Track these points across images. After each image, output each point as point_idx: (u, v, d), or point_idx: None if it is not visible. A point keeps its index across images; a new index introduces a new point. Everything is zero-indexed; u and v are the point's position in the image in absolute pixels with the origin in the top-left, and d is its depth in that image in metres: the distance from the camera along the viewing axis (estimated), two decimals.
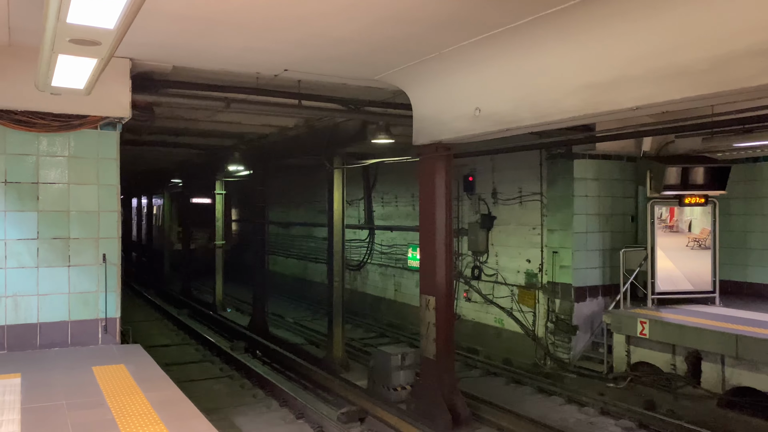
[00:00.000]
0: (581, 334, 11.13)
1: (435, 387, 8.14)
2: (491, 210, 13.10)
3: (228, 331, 15.24)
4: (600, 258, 11.42)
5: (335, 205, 11.57)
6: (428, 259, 8.28)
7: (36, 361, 6.58)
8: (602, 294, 11.42)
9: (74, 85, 4.97)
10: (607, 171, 11.50)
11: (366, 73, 7.82)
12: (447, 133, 7.71)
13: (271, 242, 23.54)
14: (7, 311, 6.91)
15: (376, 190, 17.26)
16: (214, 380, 11.17)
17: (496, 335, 12.81)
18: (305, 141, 12.15)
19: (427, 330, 8.25)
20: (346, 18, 5.71)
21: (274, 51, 6.84)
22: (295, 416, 8.96)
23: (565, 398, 9.80)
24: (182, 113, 10.75)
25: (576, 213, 11.16)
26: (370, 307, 17.18)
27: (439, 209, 8.20)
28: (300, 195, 21.35)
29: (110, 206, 7.45)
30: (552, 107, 6.15)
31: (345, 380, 10.25)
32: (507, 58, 6.51)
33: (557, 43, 5.94)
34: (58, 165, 7.15)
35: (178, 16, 5.65)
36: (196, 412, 5.05)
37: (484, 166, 13.21)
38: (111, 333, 7.43)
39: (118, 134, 7.47)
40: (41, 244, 7.07)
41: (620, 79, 5.45)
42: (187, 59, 7.24)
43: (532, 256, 12.12)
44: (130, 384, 5.77)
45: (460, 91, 7.35)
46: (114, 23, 3.35)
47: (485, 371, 11.65)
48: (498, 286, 12.91)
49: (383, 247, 17.03)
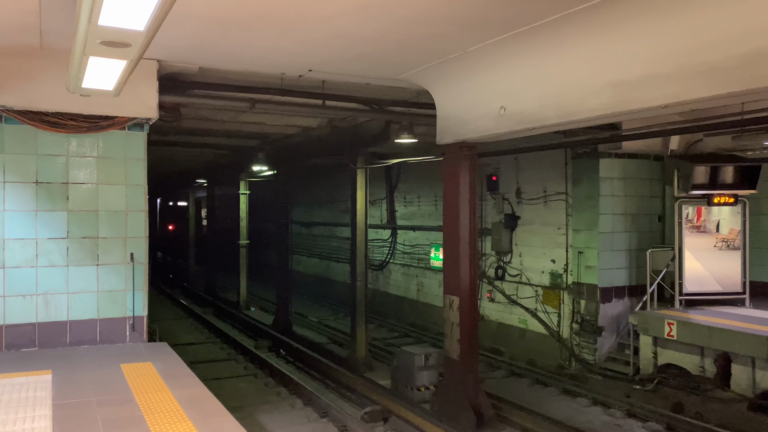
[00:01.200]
0: (607, 336, 11.00)
1: (459, 387, 8.10)
2: (515, 210, 13.01)
3: (252, 330, 15.36)
4: (626, 258, 11.27)
5: (358, 205, 11.58)
6: (452, 260, 8.25)
7: (66, 357, 6.70)
8: (628, 295, 11.27)
9: (104, 86, 5.05)
10: (634, 170, 11.35)
11: (390, 73, 7.82)
12: (471, 133, 7.68)
13: (294, 242, 23.75)
14: (38, 309, 7.05)
15: (398, 190, 17.26)
16: (238, 378, 11.27)
17: (520, 336, 12.72)
18: (328, 141, 12.19)
19: (451, 330, 8.22)
20: (370, 17, 5.71)
21: (298, 51, 6.87)
22: (318, 415, 8.99)
23: (591, 400, 9.70)
24: (207, 114, 10.85)
25: (602, 213, 11.03)
26: (393, 307, 17.18)
27: (463, 209, 8.16)
28: (323, 195, 21.44)
29: (138, 206, 7.56)
30: (578, 106, 6.09)
31: (368, 380, 10.26)
32: (532, 57, 6.46)
33: (583, 40, 5.88)
34: (87, 165, 7.28)
35: (203, 18, 5.71)
36: (223, 410, 5.10)
37: (508, 165, 13.12)
38: (138, 331, 7.54)
39: (145, 135, 7.58)
40: (71, 243, 7.20)
41: (648, 77, 5.37)
42: (212, 60, 7.31)
43: (556, 256, 12.02)
44: (158, 381, 5.84)
45: (485, 89, 7.32)
46: (144, 25, 3.40)
47: (509, 372, 11.58)
48: (522, 287, 12.82)
49: (405, 247, 17.03)
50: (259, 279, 22.14)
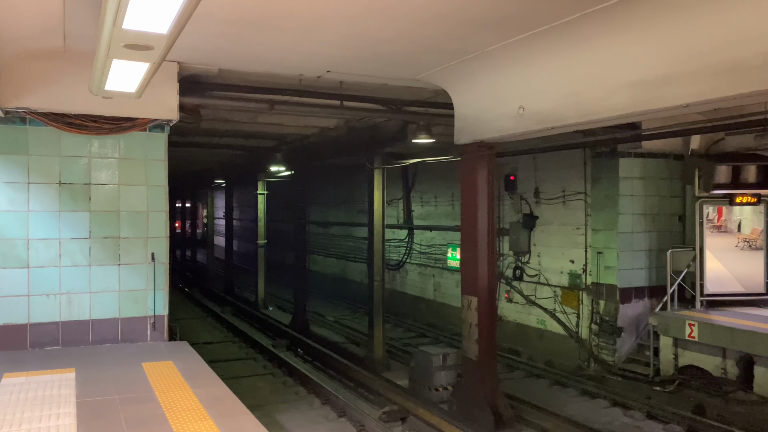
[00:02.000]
0: (626, 336, 10.91)
1: (477, 388, 8.09)
2: (533, 210, 12.94)
3: (270, 329, 15.45)
4: (646, 259, 11.16)
5: (375, 205, 11.60)
6: (470, 260, 8.23)
7: (88, 356, 6.80)
8: (648, 295, 11.16)
9: (126, 89, 5.12)
10: (654, 170, 11.23)
11: (408, 73, 7.83)
12: (489, 132, 7.65)
13: (311, 242, 23.83)
14: (62, 308, 7.16)
15: (415, 190, 17.25)
16: (257, 377, 11.34)
17: (539, 337, 12.65)
18: (345, 141, 12.23)
19: (469, 331, 8.20)
20: (388, 18, 5.72)
21: (316, 52, 6.90)
22: (337, 414, 9.02)
23: (610, 401, 9.62)
24: (226, 115, 10.93)
25: (621, 213, 10.94)
26: (410, 307, 17.18)
27: (481, 209, 8.14)
28: (340, 195, 21.49)
29: (158, 206, 7.64)
30: (598, 105, 6.04)
31: (386, 379, 10.28)
32: (551, 56, 6.42)
33: (603, 40, 5.84)
34: (108, 166, 7.37)
35: (223, 19, 5.76)
36: (244, 409, 5.13)
37: (526, 165, 13.05)
38: (159, 330, 7.62)
39: (166, 136, 7.66)
40: (93, 243, 7.29)
41: (670, 76, 5.32)
42: (232, 62, 7.37)
43: (575, 256, 11.93)
44: (179, 380, 5.90)
45: (503, 89, 7.29)
46: (167, 28, 3.44)
47: (527, 373, 11.53)
48: (540, 287, 12.75)
49: (422, 247, 17.01)
50: (277, 278, 22.25)
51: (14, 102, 6.64)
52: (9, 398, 5.29)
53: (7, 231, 6.93)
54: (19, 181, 6.98)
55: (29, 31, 5.95)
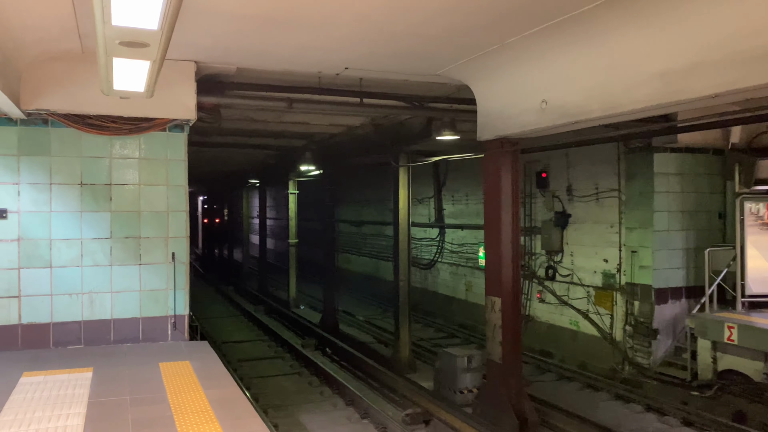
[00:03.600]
0: (662, 339, 10.48)
1: (501, 391, 7.86)
2: (566, 207, 12.58)
3: (300, 328, 15.46)
4: (683, 258, 10.71)
5: (401, 203, 11.45)
6: (494, 260, 8.00)
7: (108, 355, 6.84)
8: (686, 296, 10.71)
9: (135, 88, 5.09)
10: (691, 165, 10.77)
11: (427, 68, 7.64)
12: (512, 128, 7.41)
13: (343, 240, 23.82)
14: (84, 307, 7.23)
15: (446, 188, 17.02)
16: (283, 377, 11.33)
17: (571, 338, 12.30)
18: (372, 139, 12.11)
19: (493, 332, 7.98)
20: (401, 11, 5.56)
21: (332, 49, 6.78)
22: (360, 416, 8.92)
23: (644, 406, 9.26)
24: (252, 114, 10.94)
25: (657, 210, 10.52)
26: (441, 307, 16.97)
27: (505, 207, 7.91)
28: (371, 193, 21.40)
29: (179, 206, 7.65)
30: (623, 97, 5.76)
31: (411, 381, 10.12)
32: (574, 47, 6.16)
33: (627, 28, 5.55)
34: (129, 167, 7.40)
35: (236, 16, 5.69)
36: (252, 412, 5.05)
37: (558, 161, 12.70)
38: (180, 329, 7.63)
39: (185, 136, 7.65)
40: (114, 243, 7.34)
41: (698, 65, 5.01)
42: (249, 60, 7.31)
43: (609, 255, 11.54)
44: (193, 381, 5.86)
45: (526, 83, 7.05)
46: (157, 24, 3.36)
47: (559, 375, 11.21)
48: (573, 287, 12.39)
49: (454, 246, 16.77)
50: (310, 277, 22.31)
51: (34, 104, 6.72)
52: (24, 397, 5.33)
53: (31, 231, 7.03)
54: (42, 182, 7.07)
55: (46, 34, 5.99)
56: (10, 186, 6.95)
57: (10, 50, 5.78)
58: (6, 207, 6.95)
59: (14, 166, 6.96)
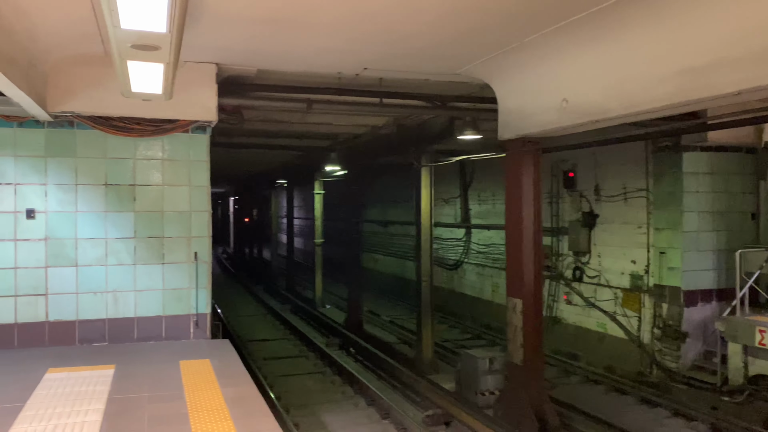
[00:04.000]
0: (692, 342, 10.23)
1: (522, 394, 7.76)
2: (593, 207, 12.38)
3: (325, 327, 15.54)
4: (714, 259, 10.44)
5: (423, 203, 11.41)
6: (515, 260, 7.91)
7: (131, 353, 6.96)
8: (717, 298, 10.44)
9: (152, 90, 5.17)
10: (723, 164, 10.49)
11: (447, 68, 7.59)
12: (533, 127, 7.32)
13: (370, 240, 23.86)
14: (108, 305, 7.37)
15: (472, 188, 16.91)
16: (307, 376, 11.40)
17: (598, 340, 12.09)
18: (395, 140, 12.09)
19: (514, 334, 7.89)
20: (416, 10, 5.53)
21: (349, 50, 6.79)
22: (380, 416, 8.92)
23: (672, 411, 9.06)
24: (275, 116, 11.01)
25: (686, 210, 10.28)
26: (467, 308, 16.86)
27: (527, 207, 7.81)
28: (398, 193, 21.37)
29: (201, 206, 7.74)
30: (643, 96, 5.63)
31: (432, 382, 10.07)
32: (593, 45, 6.05)
33: (648, 24, 5.43)
34: (152, 168, 7.53)
35: (252, 19, 5.73)
36: (266, 411, 5.09)
37: (586, 160, 12.50)
38: (202, 328, 7.72)
39: (208, 137, 7.74)
40: (138, 243, 7.47)
41: (720, 61, 4.87)
42: (268, 62, 7.37)
43: (637, 256, 11.32)
44: (211, 379, 5.93)
45: (546, 81, 6.95)
46: (165, 27, 3.40)
47: (585, 378, 11.04)
48: (600, 289, 12.19)
49: (480, 247, 16.66)
50: (337, 277, 22.40)
51: (60, 106, 6.89)
52: (47, 393, 5.47)
53: (57, 231, 7.20)
54: (68, 183, 7.24)
55: (69, 38, 6.13)
56: (37, 187, 7.14)
57: (36, 54, 5.93)
58: (34, 207, 7.13)
59: (42, 168, 7.15)
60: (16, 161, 7.07)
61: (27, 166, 7.11)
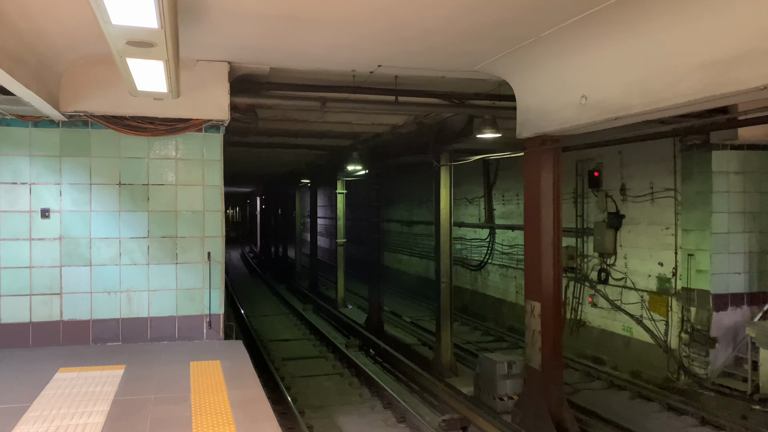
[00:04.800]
0: (721, 348, 9.86)
1: (540, 399, 7.54)
2: (619, 208, 12.05)
3: (346, 328, 15.44)
4: (745, 262, 10.04)
5: (442, 203, 11.21)
6: (533, 262, 7.69)
7: (143, 353, 6.94)
8: (748, 302, 10.04)
9: (158, 88, 5.12)
10: (755, 163, 10.08)
11: (463, 65, 7.41)
12: (552, 125, 7.09)
13: (394, 240, 23.72)
14: (122, 305, 7.38)
15: (496, 188, 16.65)
16: (325, 377, 11.30)
17: (624, 345, 11.76)
18: (415, 138, 11.93)
19: (533, 338, 7.67)
20: (429, 5, 5.37)
21: (362, 47, 6.66)
22: (396, 419, 8.77)
23: (698, 419, 8.73)
24: (294, 115, 10.96)
25: (715, 211, 9.91)
26: (491, 310, 16.61)
27: (546, 207, 7.58)
28: (422, 193, 21.20)
29: (215, 206, 7.69)
30: (664, 91, 5.38)
31: (450, 386, 9.88)
32: (612, 39, 5.81)
33: (669, 16, 5.18)
34: (166, 167, 7.50)
35: (261, 17, 5.64)
36: (271, 415, 4.99)
37: (612, 159, 12.18)
38: (215, 328, 7.68)
39: (221, 136, 7.69)
40: (151, 243, 7.46)
41: (744, 55, 4.61)
42: (281, 60, 7.27)
43: (664, 258, 10.96)
44: (219, 381, 5.87)
45: (565, 77, 6.71)
46: (156, 22, 3.31)
47: (609, 383, 10.72)
48: (626, 292, 11.84)
49: (504, 247, 16.39)
50: (360, 277, 22.32)
51: (73, 106, 6.90)
52: (54, 393, 5.46)
53: (72, 230, 7.23)
54: (82, 182, 7.26)
55: (80, 39, 6.12)
56: (52, 186, 7.17)
57: (47, 55, 5.92)
58: (49, 207, 7.17)
59: (56, 167, 7.18)
60: (32, 161, 7.11)
61: (42, 165, 7.14)
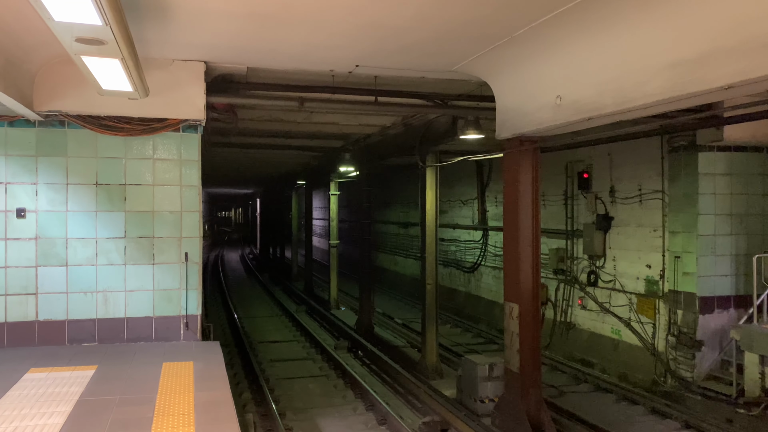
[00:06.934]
0: (707, 351, 9.78)
1: (518, 402, 7.48)
2: (608, 210, 11.98)
3: (337, 330, 15.39)
4: (731, 264, 9.96)
5: (428, 204, 11.17)
6: (512, 264, 7.63)
7: (117, 354, 6.90)
8: (735, 305, 9.96)
9: (122, 87, 5.08)
10: (742, 165, 10.00)
11: (441, 65, 7.36)
12: (530, 125, 7.04)
13: (390, 242, 23.67)
14: (98, 305, 7.34)
15: (489, 190, 16.60)
16: (310, 379, 11.25)
17: (613, 347, 11.68)
18: (403, 140, 11.89)
19: (511, 340, 7.61)
20: (396, 4, 5.33)
21: (338, 46, 6.62)
22: (377, 422, 8.72)
23: (682, 423, 8.65)
24: (280, 115, 10.92)
25: (701, 213, 9.83)
26: (484, 312, 16.54)
27: (524, 209, 7.53)
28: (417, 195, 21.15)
29: (192, 206, 7.66)
30: (635, 91, 5.33)
31: (433, 388, 9.82)
32: (585, 38, 5.76)
33: (638, 15, 5.13)
34: (143, 167, 7.47)
35: (232, 15, 5.61)
36: (233, 417, 4.94)
37: (601, 161, 12.12)
38: (192, 329, 7.64)
39: (199, 137, 7.66)
40: (128, 243, 7.43)
41: (710, 54, 4.55)
42: (258, 60, 7.24)
43: (652, 261, 10.89)
44: (188, 382, 5.83)
45: (540, 78, 6.67)
46: (98, 18, 3.28)
47: (595, 386, 10.65)
48: (615, 294, 11.77)
49: (497, 249, 16.32)
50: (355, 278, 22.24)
51: (48, 105, 6.88)
52: (20, 393, 5.43)
53: (48, 230, 7.20)
54: (58, 182, 7.23)
55: (50, 36, 6.07)
56: (28, 186, 7.15)
57: (15, 53, 5.90)
58: (24, 206, 7.15)
59: (32, 167, 7.15)
60: (7, 160, 7.09)
61: (18, 165, 7.12)
